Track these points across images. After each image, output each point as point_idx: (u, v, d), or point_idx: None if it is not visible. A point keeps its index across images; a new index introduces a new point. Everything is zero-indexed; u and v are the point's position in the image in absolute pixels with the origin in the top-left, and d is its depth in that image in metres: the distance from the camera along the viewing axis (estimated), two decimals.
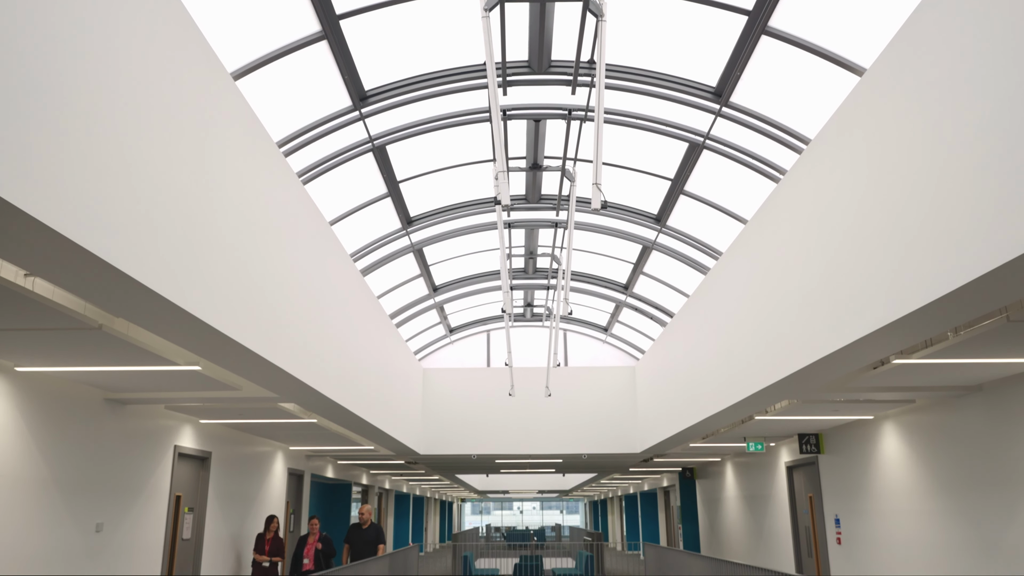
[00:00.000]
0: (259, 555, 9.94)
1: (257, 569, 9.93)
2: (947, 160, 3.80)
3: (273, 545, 10.05)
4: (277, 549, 10.07)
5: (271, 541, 10.08)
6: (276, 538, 10.13)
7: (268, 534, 10.12)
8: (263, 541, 10.07)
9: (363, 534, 10.34)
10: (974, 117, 3.58)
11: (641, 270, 12.78)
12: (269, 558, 9.93)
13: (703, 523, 19.05)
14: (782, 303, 6.33)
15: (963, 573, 7.29)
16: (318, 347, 6.79)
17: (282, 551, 10.12)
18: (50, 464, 6.20)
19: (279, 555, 10.05)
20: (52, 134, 2.89)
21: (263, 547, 9.99)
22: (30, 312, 4.36)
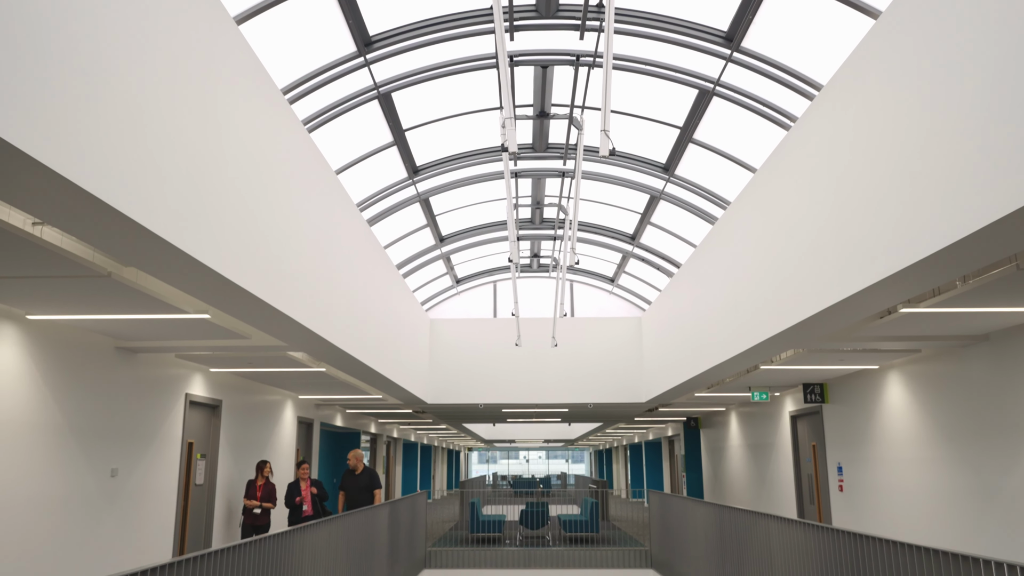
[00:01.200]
0: (250, 501, 9.51)
1: (248, 516, 9.52)
2: (960, 106, 3.73)
3: (265, 491, 9.67)
4: (269, 495, 9.69)
5: (263, 487, 9.69)
6: (268, 483, 9.76)
7: (259, 480, 9.74)
8: (254, 487, 9.68)
9: (357, 480, 10.02)
10: (992, 60, 3.50)
11: (648, 220, 12.72)
12: (261, 504, 9.52)
13: (707, 471, 19.32)
14: (790, 252, 6.30)
15: (963, 519, 7.40)
16: (326, 296, 6.81)
17: (274, 497, 9.76)
18: (64, 411, 6.30)
19: (271, 501, 9.68)
20: (58, 80, 2.86)
21: (254, 493, 9.60)
22: (39, 260, 4.37)
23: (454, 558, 11.52)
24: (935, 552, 3.93)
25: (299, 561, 5.49)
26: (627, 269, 15.77)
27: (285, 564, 5.15)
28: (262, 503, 9.47)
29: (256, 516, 9.41)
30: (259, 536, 4.78)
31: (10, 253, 4.27)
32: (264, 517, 9.49)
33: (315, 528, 5.97)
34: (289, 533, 5.30)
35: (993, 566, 3.50)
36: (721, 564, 8.01)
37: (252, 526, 9.37)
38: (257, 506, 9.42)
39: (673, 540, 10.35)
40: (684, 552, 9.69)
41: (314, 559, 5.89)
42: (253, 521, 9.40)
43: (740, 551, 7.37)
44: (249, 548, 4.46)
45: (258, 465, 9.82)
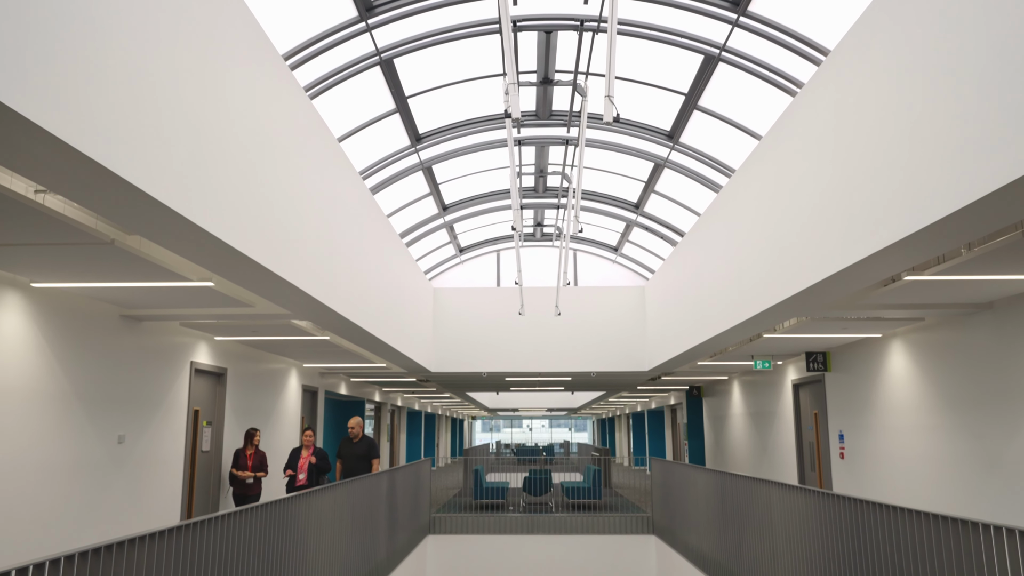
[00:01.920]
0: (240, 471, 9.17)
1: (238, 486, 9.19)
2: (967, 71, 3.68)
3: (256, 460, 9.35)
4: (260, 464, 9.38)
5: (253, 456, 9.36)
6: (258, 452, 9.45)
7: (249, 448, 9.41)
8: (244, 456, 9.35)
9: (354, 448, 9.75)
10: (1000, 24, 3.44)
11: (653, 188, 12.66)
12: (252, 474, 9.21)
13: (709, 440, 19.46)
14: (795, 219, 6.27)
15: (964, 486, 7.46)
16: (329, 264, 6.81)
17: (265, 466, 9.43)
18: (71, 378, 6.34)
19: (262, 470, 9.36)
20: (60, 46, 2.83)
21: (244, 463, 9.27)
22: (42, 227, 4.37)
23: (458, 524, 11.66)
24: (934, 517, 3.96)
25: (305, 526, 5.57)
26: (631, 238, 15.73)
27: (291, 528, 5.22)
28: (254, 473, 9.19)
29: (247, 486, 9.12)
30: (267, 501, 4.84)
31: (13, 220, 4.27)
32: (255, 487, 9.21)
33: (321, 493, 6.04)
34: (296, 498, 5.36)
35: (992, 530, 3.53)
36: (722, 530, 8.10)
37: (243, 496, 9.10)
38: (249, 476, 9.14)
39: (675, 507, 10.45)
40: (685, 518, 9.79)
41: (320, 524, 5.96)
42: (244, 491, 9.11)
43: (741, 517, 7.45)
44: (256, 512, 4.52)
45: (247, 433, 9.54)
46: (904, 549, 4.22)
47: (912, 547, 4.14)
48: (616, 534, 11.46)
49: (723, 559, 7.98)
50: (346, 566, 6.68)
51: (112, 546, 3.03)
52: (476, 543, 11.55)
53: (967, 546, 3.69)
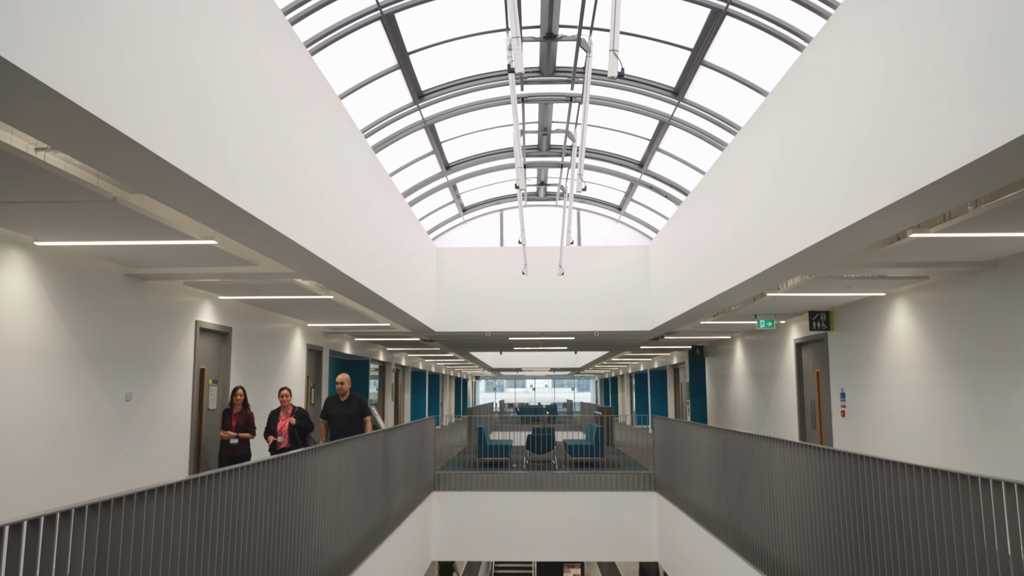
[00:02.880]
0: (225, 432, 8.76)
1: (225, 447, 8.76)
2: (978, 26, 3.61)
3: (241, 420, 8.86)
4: (246, 424, 8.88)
5: (239, 416, 8.87)
6: (245, 412, 8.93)
7: (236, 408, 8.92)
8: (230, 416, 8.86)
9: (343, 407, 9.11)
10: None
11: (657, 147, 12.54)
12: (237, 434, 8.73)
13: (711, 398, 19.60)
14: (800, 176, 6.22)
15: (963, 443, 7.52)
16: (332, 222, 6.80)
17: (252, 426, 8.95)
18: (77, 337, 6.38)
19: (249, 431, 8.88)
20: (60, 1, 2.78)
21: (230, 422, 8.80)
22: (44, 184, 4.36)
23: (462, 481, 11.81)
24: (933, 471, 4.00)
25: (311, 481, 5.64)
26: (635, 197, 15.65)
27: (298, 484, 5.29)
28: (238, 433, 8.75)
29: (233, 447, 8.71)
30: (275, 455, 4.89)
31: (14, 178, 4.25)
32: (243, 448, 8.80)
33: (327, 450, 6.11)
34: (302, 454, 5.43)
35: (991, 484, 3.56)
36: (723, 486, 8.20)
37: (230, 457, 8.63)
38: (233, 436, 8.70)
39: (676, 464, 10.57)
40: (687, 475, 9.90)
41: (326, 480, 6.04)
42: (231, 452, 8.68)
43: (742, 474, 7.53)
44: (263, 468, 4.57)
45: (232, 391, 9.08)
46: (903, 503, 4.27)
47: (911, 501, 4.19)
48: (618, 491, 11.61)
49: (723, 514, 8.09)
50: (353, 521, 6.79)
51: (122, 499, 3.07)
52: (480, 499, 11.71)
53: (965, 500, 3.73)
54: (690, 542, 9.52)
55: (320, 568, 5.66)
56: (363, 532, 7.15)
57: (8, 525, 2.49)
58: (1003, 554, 3.47)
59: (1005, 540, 3.46)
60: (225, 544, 3.97)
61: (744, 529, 7.33)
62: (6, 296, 5.54)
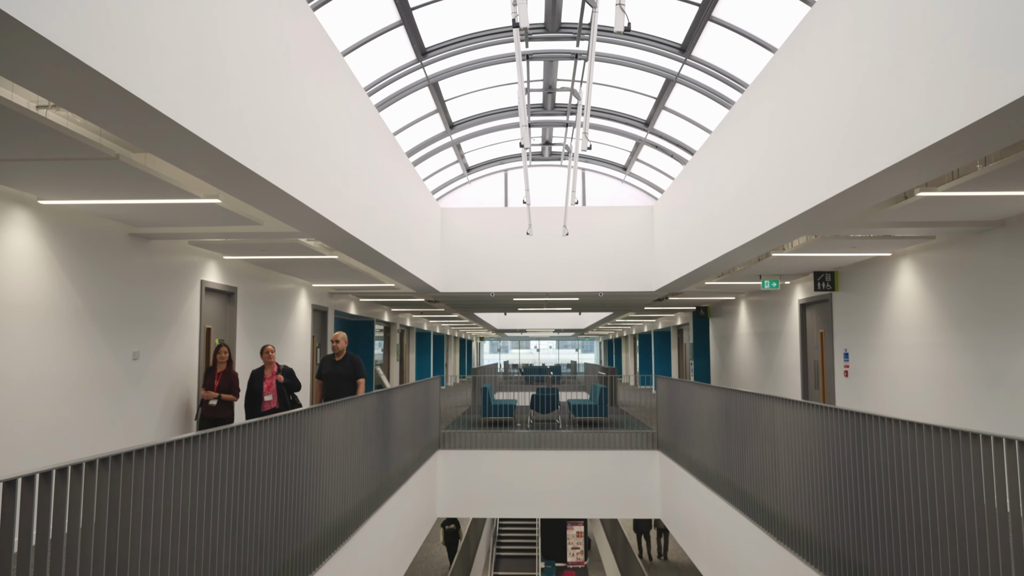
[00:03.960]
0: (207, 391, 8.08)
1: (205, 408, 8.06)
2: None
3: (224, 380, 8.11)
4: (229, 385, 8.14)
5: (222, 375, 8.13)
6: (229, 371, 8.19)
7: (219, 367, 8.19)
8: (212, 375, 8.15)
9: (337, 367, 8.63)
10: None
11: (663, 105, 12.40)
12: (219, 395, 8.04)
13: (714, 359, 19.68)
14: (808, 134, 6.16)
15: (965, 402, 7.56)
16: (336, 181, 6.76)
17: (236, 387, 8.24)
18: (83, 296, 6.41)
19: (233, 392, 8.17)
20: None
21: (212, 382, 8.09)
22: (46, 142, 4.34)
23: (467, 440, 11.94)
24: (935, 428, 4.02)
25: (318, 439, 5.70)
26: (640, 157, 15.53)
27: (305, 441, 5.35)
28: (220, 394, 8.05)
29: (214, 408, 8.03)
30: (282, 412, 4.94)
31: (16, 135, 4.23)
32: (224, 410, 8.10)
33: (334, 408, 6.16)
34: (309, 411, 5.48)
35: (992, 441, 3.58)
36: (725, 444, 8.27)
37: (210, 420, 7.94)
38: (214, 397, 8.01)
39: (679, 423, 10.65)
40: (690, 434, 9.99)
41: (332, 437, 6.11)
42: (212, 414, 7.99)
43: (744, 432, 7.59)
44: (270, 424, 4.62)
45: (215, 349, 8.37)
46: (903, 460, 4.30)
47: (910, 458, 4.23)
48: (621, 449, 11.72)
49: (725, 472, 8.18)
50: (360, 478, 6.88)
51: (131, 453, 3.11)
52: (485, 458, 11.84)
53: (965, 456, 3.76)
54: (692, 499, 9.65)
55: (327, 524, 5.75)
56: (369, 489, 7.25)
57: (20, 477, 2.53)
58: (1002, 511, 3.51)
59: (1005, 497, 3.49)
60: (234, 500, 4.04)
61: (746, 486, 7.42)
62: (12, 255, 5.56)
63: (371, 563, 7.20)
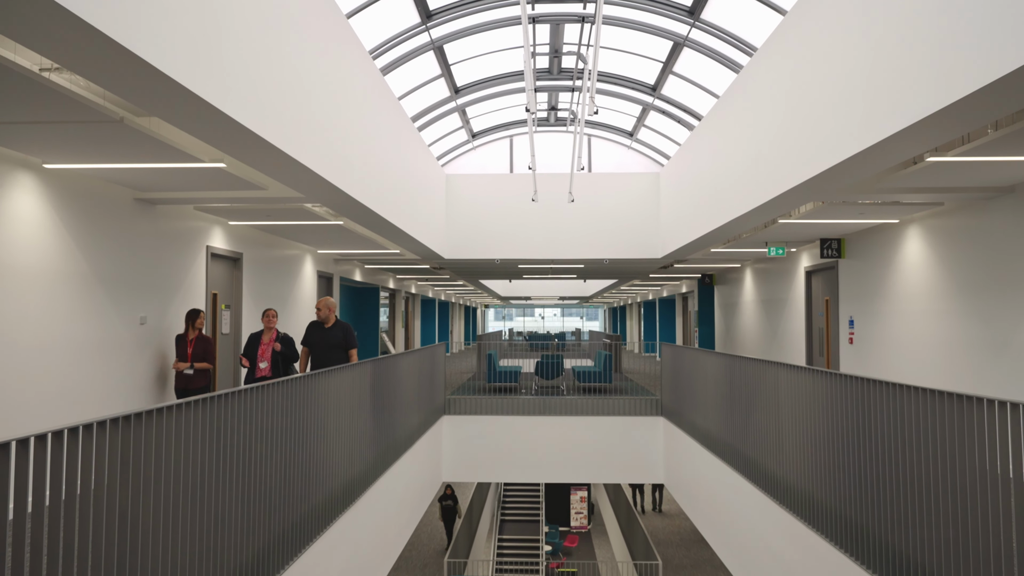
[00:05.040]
0: (180, 363, 7.51)
1: (179, 379, 7.52)
2: None
3: (198, 348, 7.56)
4: (203, 352, 7.59)
5: (195, 343, 7.58)
6: (202, 338, 7.63)
7: (191, 333, 7.62)
8: (184, 343, 7.58)
9: (326, 335, 7.99)
10: None
11: (671, 70, 12.25)
12: (192, 364, 7.48)
13: (719, 326, 19.70)
14: (817, 99, 6.09)
15: (969, 369, 7.57)
16: (341, 146, 6.73)
17: (211, 354, 7.68)
18: (90, 261, 6.43)
19: (208, 360, 7.62)
20: None
21: (185, 351, 7.54)
22: (49, 104, 4.31)
23: (472, 405, 12.01)
24: (937, 393, 4.03)
25: (325, 403, 5.74)
26: (647, 122, 15.38)
27: (312, 405, 5.39)
28: (193, 363, 7.50)
29: (188, 379, 7.48)
30: (288, 377, 4.97)
31: (20, 97, 4.21)
32: (200, 379, 7.55)
33: (340, 372, 6.20)
34: (315, 376, 5.51)
35: (996, 405, 3.59)
36: (729, 410, 8.31)
37: (184, 391, 7.45)
38: (187, 366, 7.46)
39: (683, 390, 10.70)
40: (694, 400, 10.04)
41: (339, 401, 6.15)
42: (186, 385, 7.47)
43: (748, 398, 7.62)
44: (278, 388, 4.66)
45: (188, 315, 7.69)
46: (906, 425, 4.32)
47: (914, 423, 4.24)
48: (625, 415, 11.80)
49: (729, 438, 8.23)
50: (366, 442, 6.95)
51: (142, 414, 3.14)
52: (490, 423, 11.93)
53: (969, 421, 3.77)
54: (695, 465, 9.73)
55: (335, 486, 5.82)
56: (376, 453, 7.33)
57: (33, 436, 2.56)
58: (1004, 475, 3.53)
59: (1008, 461, 3.51)
60: (242, 461, 4.08)
61: (749, 452, 7.47)
62: (18, 219, 5.56)
63: (378, 525, 7.31)
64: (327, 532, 5.44)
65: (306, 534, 5.05)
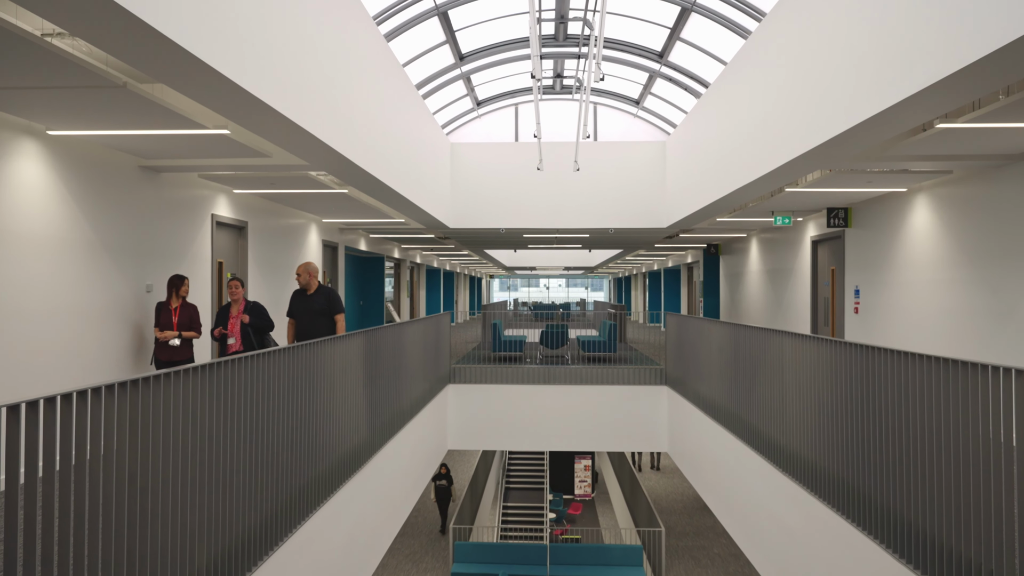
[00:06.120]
0: (162, 332, 6.94)
1: (160, 350, 6.96)
2: None
3: (182, 316, 7.04)
4: (189, 320, 7.08)
5: (179, 311, 7.05)
6: (187, 307, 7.12)
7: (174, 301, 7.08)
8: (167, 312, 7.03)
9: (308, 302, 7.50)
10: None
11: (678, 36, 12.10)
12: (177, 334, 6.95)
13: (724, 296, 19.69)
14: (826, 63, 6.01)
15: (975, 338, 7.56)
16: (346, 112, 6.68)
17: (196, 323, 7.15)
18: (95, 228, 6.43)
19: (193, 329, 7.10)
20: None
21: (169, 320, 6.99)
22: (52, 69, 4.28)
23: (477, 374, 12.08)
24: (944, 360, 4.03)
25: (331, 371, 5.77)
26: (654, 90, 15.24)
27: (318, 372, 5.42)
28: (180, 332, 6.99)
29: (172, 350, 6.95)
30: (293, 344, 4.99)
31: (22, 62, 4.18)
32: (184, 351, 7.04)
33: (347, 339, 6.23)
34: (322, 343, 5.54)
35: (1001, 372, 3.59)
36: (733, 379, 8.34)
37: (167, 362, 6.93)
38: (174, 336, 6.94)
39: (688, 359, 10.73)
40: (698, 369, 10.07)
41: (345, 368, 6.19)
42: (168, 356, 6.93)
43: (752, 367, 7.64)
44: (284, 354, 4.68)
45: (171, 282, 7.12)
46: (910, 392, 4.33)
47: (918, 390, 4.25)
48: (629, 384, 11.85)
49: (733, 406, 8.27)
50: (372, 409, 7.00)
51: (149, 379, 3.16)
52: (495, 392, 12.00)
53: (972, 387, 3.78)
54: (699, 433, 9.79)
55: (341, 453, 5.88)
56: (382, 420, 7.38)
57: (42, 399, 2.59)
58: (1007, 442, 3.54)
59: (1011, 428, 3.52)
60: (249, 426, 4.12)
61: (753, 420, 7.50)
62: (23, 186, 5.56)
63: (384, 490, 7.39)
64: (333, 497, 5.50)
65: (312, 499, 5.11)
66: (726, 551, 16.20)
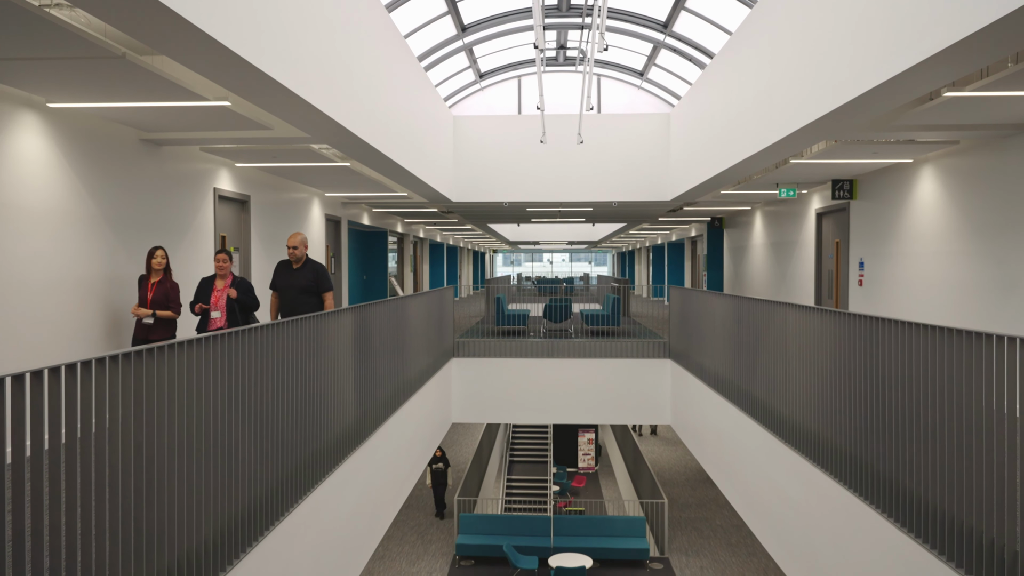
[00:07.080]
0: (139, 308, 6.40)
1: (139, 329, 6.45)
2: None
3: (159, 292, 6.48)
4: (165, 298, 6.49)
5: (155, 287, 6.49)
6: (165, 283, 6.55)
7: (153, 277, 6.53)
8: (145, 287, 6.50)
9: (294, 276, 7.09)
10: None
11: (683, 5, 11.95)
12: (153, 312, 6.40)
13: (728, 270, 19.65)
14: (834, 31, 5.93)
15: (980, 310, 7.54)
16: (347, 84, 6.63)
17: (174, 301, 6.57)
18: (97, 202, 6.41)
19: (171, 308, 6.52)
20: None
21: (145, 297, 6.46)
22: (50, 39, 4.24)
23: (481, 348, 12.10)
24: (948, 330, 4.02)
25: (335, 345, 5.78)
26: (658, 61, 15.09)
27: (321, 346, 5.43)
28: (155, 311, 6.42)
29: (148, 328, 6.41)
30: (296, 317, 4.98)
31: (21, 32, 4.14)
32: (164, 330, 6.50)
33: (351, 312, 6.23)
34: (324, 316, 5.54)
35: (1006, 341, 3.58)
36: (737, 352, 8.34)
37: (144, 341, 6.21)
38: (148, 314, 6.39)
39: (691, 332, 10.73)
40: (701, 342, 10.07)
41: (349, 342, 6.20)
42: (145, 335, 6.38)
43: (756, 339, 7.64)
44: (288, 327, 4.68)
45: (149, 253, 6.59)
46: (914, 363, 4.33)
47: (921, 361, 4.25)
48: (633, 358, 11.87)
49: (736, 379, 8.28)
50: (377, 382, 7.02)
51: (153, 350, 3.17)
52: (498, 365, 12.03)
53: (976, 357, 3.77)
54: (702, 406, 9.82)
55: (345, 425, 5.91)
56: (386, 393, 7.41)
57: (47, 368, 2.59)
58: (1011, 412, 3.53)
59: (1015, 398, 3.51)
60: (254, 399, 4.13)
61: (756, 392, 7.52)
62: (24, 159, 5.54)
63: (389, 462, 7.45)
64: (339, 469, 5.54)
65: (318, 471, 5.15)
66: (728, 522, 16.34)
